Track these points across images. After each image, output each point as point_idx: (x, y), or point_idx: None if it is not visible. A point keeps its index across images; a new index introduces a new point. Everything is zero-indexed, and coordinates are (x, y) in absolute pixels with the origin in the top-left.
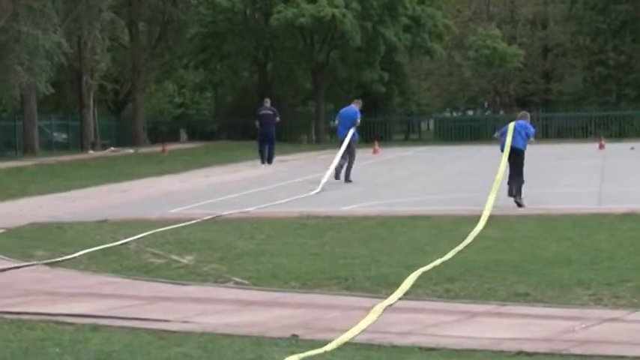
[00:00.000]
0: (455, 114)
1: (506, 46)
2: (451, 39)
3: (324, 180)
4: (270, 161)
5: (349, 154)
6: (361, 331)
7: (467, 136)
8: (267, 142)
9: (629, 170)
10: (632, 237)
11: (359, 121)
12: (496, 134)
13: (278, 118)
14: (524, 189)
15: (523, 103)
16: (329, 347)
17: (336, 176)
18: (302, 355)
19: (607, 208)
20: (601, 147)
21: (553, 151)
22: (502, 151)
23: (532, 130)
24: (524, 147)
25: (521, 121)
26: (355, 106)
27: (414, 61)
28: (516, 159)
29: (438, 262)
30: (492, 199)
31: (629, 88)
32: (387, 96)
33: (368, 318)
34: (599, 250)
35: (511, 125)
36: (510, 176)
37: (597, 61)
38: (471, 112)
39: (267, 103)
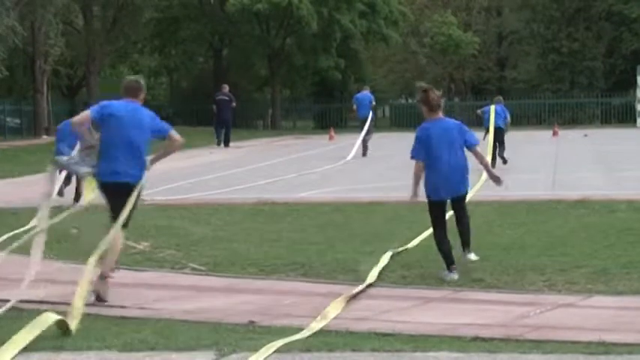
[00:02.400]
0: (410, 101)
1: (461, 33)
2: (407, 26)
3: (353, 150)
4: (227, 144)
5: (369, 132)
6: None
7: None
8: (224, 127)
9: (582, 157)
10: (585, 223)
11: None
12: (479, 111)
13: (234, 104)
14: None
15: (478, 90)
16: (306, 333)
17: (364, 153)
18: (279, 342)
19: (561, 195)
20: (555, 134)
21: (507, 137)
22: (486, 128)
23: (508, 113)
24: (504, 125)
25: (499, 105)
26: (367, 91)
27: (369, 48)
28: (498, 135)
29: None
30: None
31: (582, 75)
32: (343, 83)
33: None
34: (553, 237)
35: (492, 107)
36: (497, 149)
37: (551, 49)
38: None
39: (225, 89)
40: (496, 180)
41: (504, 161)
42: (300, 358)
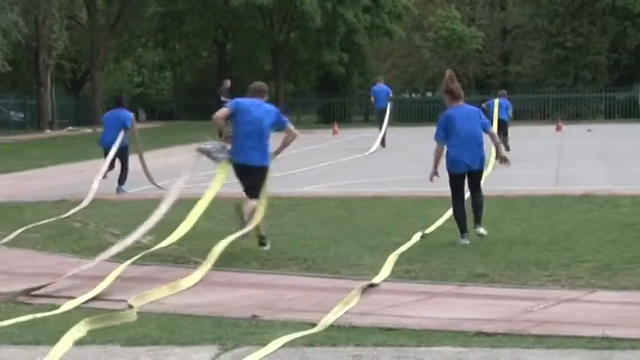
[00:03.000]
0: (414, 95)
1: (465, 27)
2: (410, 20)
3: (376, 143)
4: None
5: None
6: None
7: (426, 117)
8: None
9: (585, 152)
10: (589, 218)
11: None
12: (484, 105)
13: (223, 98)
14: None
15: (481, 84)
16: (319, 328)
17: (383, 143)
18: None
19: (564, 190)
20: (558, 129)
21: (511, 132)
22: (491, 121)
23: (511, 106)
24: (507, 118)
25: (503, 98)
26: (382, 83)
27: (373, 43)
28: (502, 127)
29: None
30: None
31: (586, 70)
32: (346, 77)
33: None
34: (556, 232)
35: (496, 101)
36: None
37: (555, 44)
38: (429, 94)
39: (227, 84)
40: (504, 160)
41: (507, 148)
42: (303, 353)
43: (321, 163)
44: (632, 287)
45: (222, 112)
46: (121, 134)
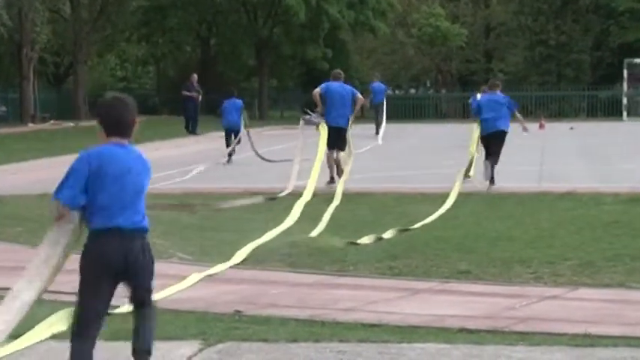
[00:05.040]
0: (397, 92)
1: (449, 24)
2: (394, 17)
3: (380, 136)
4: (186, 129)
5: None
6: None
7: (409, 114)
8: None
9: (568, 150)
10: (571, 216)
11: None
12: (470, 100)
13: (184, 92)
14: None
15: (465, 81)
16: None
17: (377, 132)
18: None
19: (547, 187)
20: (541, 126)
21: None
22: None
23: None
24: None
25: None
26: (379, 82)
27: (357, 39)
28: None
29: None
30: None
31: (569, 68)
32: (330, 73)
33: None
34: (539, 229)
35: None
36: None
37: (538, 41)
38: (413, 91)
39: (194, 78)
40: (525, 129)
41: None
42: (287, 348)
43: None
44: (614, 285)
45: (316, 91)
46: (242, 116)
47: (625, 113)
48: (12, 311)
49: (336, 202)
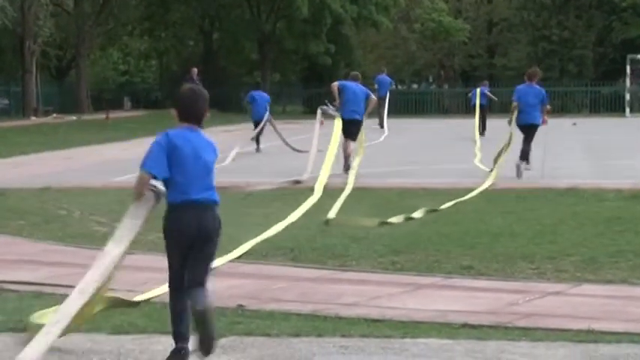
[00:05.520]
0: (400, 87)
1: (451, 19)
2: (397, 12)
3: (385, 128)
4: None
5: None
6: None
7: (412, 109)
8: None
9: (571, 146)
10: (574, 212)
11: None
12: (469, 95)
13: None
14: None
15: (467, 77)
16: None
17: (381, 125)
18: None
19: (550, 183)
20: (543, 122)
21: (496, 124)
22: (473, 106)
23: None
24: (487, 103)
25: (484, 87)
26: (385, 74)
27: (360, 34)
28: (482, 111)
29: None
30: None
31: (571, 64)
32: (333, 68)
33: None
34: (542, 225)
35: (478, 90)
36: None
37: (541, 37)
38: (415, 86)
39: (194, 72)
40: (545, 122)
41: (484, 129)
42: (290, 343)
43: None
44: (616, 281)
45: (334, 85)
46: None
47: (628, 109)
48: (103, 266)
49: (348, 189)
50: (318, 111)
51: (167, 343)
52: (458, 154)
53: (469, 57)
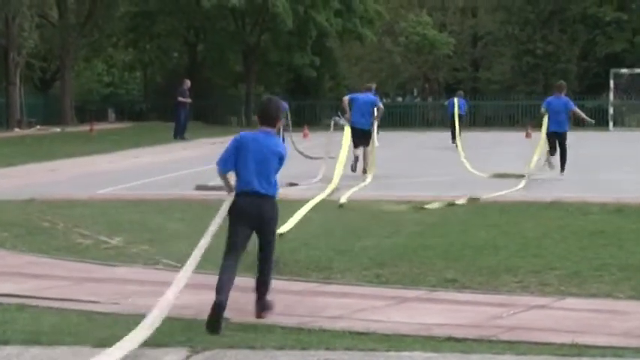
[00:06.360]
0: (384, 100)
1: (436, 33)
2: (382, 25)
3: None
4: (175, 137)
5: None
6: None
7: (396, 122)
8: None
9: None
10: (558, 225)
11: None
12: (446, 103)
13: (179, 98)
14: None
15: (452, 90)
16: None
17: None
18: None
19: (534, 196)
20: (527, 135)
21: (480, 138)
22: (451, 117)
23: (466, 104)
24: (464, 113)
25: (460, 98)
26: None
27: (344, 46)
28: (460, 120)
29: None
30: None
31: (555, 78)
32: (317, 80)
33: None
34: (526, 238)
35: (456, 100)
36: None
37: (525, 51)
38: (400, 99)
39: (187, 84)
40: (585, 120)
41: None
42: (274, 356)
43: (296, 165)
44: (600, 295)
45: (346, 99)
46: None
47: (611, 123)
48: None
49: (369, 179)
50: (331, 122)
51: (151, 356)
52: (442, 167)
53: (454, 70)
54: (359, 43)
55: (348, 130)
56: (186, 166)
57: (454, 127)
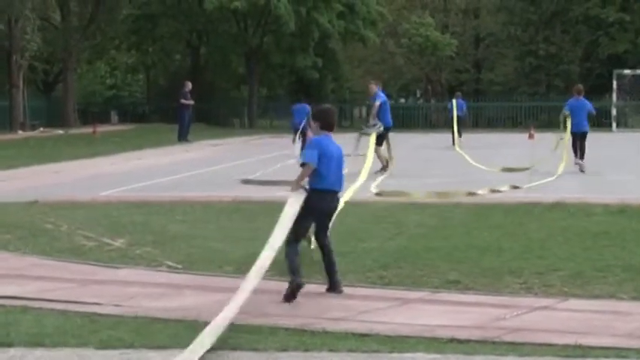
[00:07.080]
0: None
1: (439, 34)
2: (385, 26)
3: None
4: (179, 139)
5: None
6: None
7: (399, 123)
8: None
9: (558, 160)
10: (561, 227)
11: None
12: (449, 105)
13: (182, 101)
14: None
15: (454, 91)
16: None
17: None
18: None
19: (537, 198)
20: (530, 137)
21: (483, 139)
22: (451, 118)
23: (465, 105)
24: (462, 114)
25: (459, 100)
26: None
27: (347, 48)
28: (459, 121)
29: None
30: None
31: (558, 79)
32: (320, 82)
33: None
34: (529, 239)
35: (454, 102)
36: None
37: (528, 52)
38: (403, 100)
39: (188, 86)
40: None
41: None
42: (277, 357)
43: (296, 168)
44: (604, 296)
45: (376, 104)
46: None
47: (614, 124)
48: (268, 256)
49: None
50: (358, 135)
51: (154, 358)
52: (444, 168)
53: (456, 72)
54: (361, 44)
55: (374, 134)
56: (189, 168)
57: (454, 130)
